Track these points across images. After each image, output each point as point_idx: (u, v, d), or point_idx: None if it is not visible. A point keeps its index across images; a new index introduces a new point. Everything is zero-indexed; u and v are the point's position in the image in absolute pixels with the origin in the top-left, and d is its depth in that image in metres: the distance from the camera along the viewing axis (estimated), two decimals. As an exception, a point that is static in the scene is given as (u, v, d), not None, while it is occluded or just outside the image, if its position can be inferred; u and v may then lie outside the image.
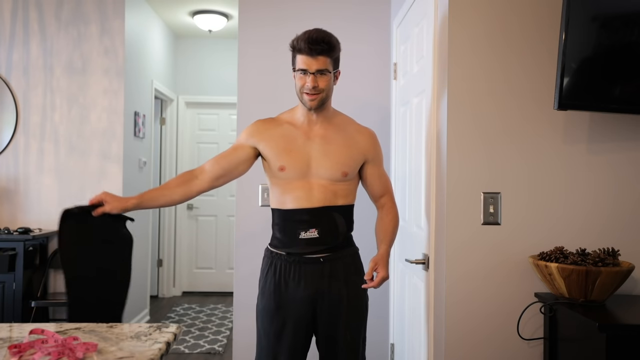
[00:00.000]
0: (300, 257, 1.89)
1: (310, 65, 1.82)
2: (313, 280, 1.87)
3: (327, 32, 1.84)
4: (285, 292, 1.89)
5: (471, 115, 1.89)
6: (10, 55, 3.92)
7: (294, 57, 1.88)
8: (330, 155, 1.90)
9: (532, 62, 1.89)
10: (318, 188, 1.88)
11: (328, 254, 1.89)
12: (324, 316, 1.89)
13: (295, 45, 1.84)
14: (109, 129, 3.95)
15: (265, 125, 1.96)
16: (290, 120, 1.96)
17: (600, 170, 1.88)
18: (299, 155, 1.89)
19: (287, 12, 3.15)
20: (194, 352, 3.92)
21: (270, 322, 1.90)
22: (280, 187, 1.91)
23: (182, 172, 1.95)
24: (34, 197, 3.91)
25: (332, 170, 1.89)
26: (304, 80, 1.84)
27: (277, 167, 1.89)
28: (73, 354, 1.14)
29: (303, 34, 1.83)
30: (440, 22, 1.99)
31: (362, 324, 1.96)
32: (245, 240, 3.14)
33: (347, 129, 1.98)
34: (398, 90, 2.88)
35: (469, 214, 1.88)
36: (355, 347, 1.92)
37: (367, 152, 1.97)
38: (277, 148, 1.90)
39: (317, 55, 1.80)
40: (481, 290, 1.88)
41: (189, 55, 5.80)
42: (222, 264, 5.85)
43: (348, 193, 1.94)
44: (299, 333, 1.89)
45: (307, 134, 1.93)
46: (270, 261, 1.95)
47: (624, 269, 1.64)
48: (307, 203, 1.87)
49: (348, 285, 1.90)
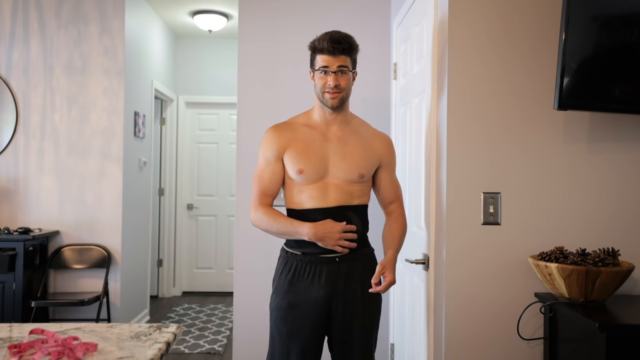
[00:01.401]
0: (316, 256, 1.89)
1: (331, 63, 1.85)
2: (328, 280, 1.88)
3: (346, 33, 1.89)
4: (299, 291, 1.89)
5: (471, 115, 1.89)
6: (10, 55, 3.92)
7: (314, 57, 1.90)
8: (347, 157, 1.91)
9: (532, 62, 1.88)
10: (334, 188, 1.90)
11: (344, 254, 1.89)
12: (339, 316, 1.89)
13: (317, 45, 1.87)
14: (109, 129, 3.95)
15: (283, 133, 1.95)
16: (306, 123, 1.97)
17: (601, 171, 1.88)
18: (317, 158, 1.90)
19: (287, 12, 3.15)
20: (194, 352, 3.92)
21: (284, 321, 1.90)
22: (296, 187, 1.92)
23: (262, 211, 1.91)
24: (34, 197, 3.91)
25: (349, 171, 1.90)
26: (325, 79, 1.87)
27: (295, 170, 1.89)
28: (73, 354, 1.14)
29: (324, 35, 1.86)
30: (440, 22, 1.99)
31: (375, 324, 1.97)
32: (245, 240, 3.14)
33: (363, 131, 2.00)
34: (398, 90, 2.88)
35: (469, 214, 1.88)
36: (369, 348, 1.93)
37: (382, 156, 1.99)
38: (297, 152, 1.91)
39: (339, 54, 1.84)
40: (481, 290, 1.88)
41: (189, 55, 5.80)
42: (222, 264, 5.85)
43: (363, 194, 1.96)
44: (312, 333, 1.88)
45: (325, 135, 1.94)
46: (285, 261, 1.95)
47: (624, 269, 1.64)
48: (323, 203, 1.89)
49: (364, 285, 1.91)
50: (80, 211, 3.92)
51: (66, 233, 3.91)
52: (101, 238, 3.93)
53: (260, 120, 3.09)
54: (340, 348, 1.91)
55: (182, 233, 5.82)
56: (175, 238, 5.78)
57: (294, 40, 3.13)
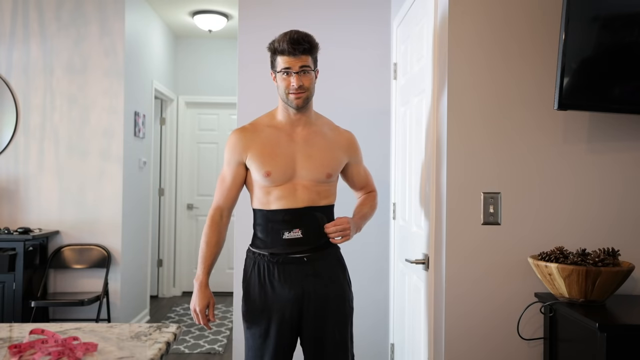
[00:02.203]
0: (284, 257, 1.89)
1: (293, 64, 1.84)
2: (297, 280, 1.88)
3: (305, 32, 1.88)
4: (270, 293, 1.89)
5: (471, 115, 1.89)
6: (10, 55, 3.92)
7: (274, 59, 1.89)
8: (314, 158, 1.91)
9: (532, 62, 1.88)
10: (302, 189, 1.89)
11: (311, 254, 1.90)
12: (310, 316, 1.89)
13: (277, 47, 1.86)
14: (109, 129, 3.95)
15: (246, 135, 1.94)
16: (271, 124, 1.96)
17: (601, 171, 1.88)
18: (284, 159, 1.89)
19: (287, 12, 3.15)
20: (194, 352, 3.92)
21: (257, 323, 1.90)
22: (264, 189, 1.91)
23: (207, 224, 1.97)
24: (34, 197, 3.91)
25: (317, 172, 1.90)
26: (287, 80, 1.86)
27: (262, 172, 1.88)
28: (73, 354, 1.14)
29: (283, 36, 1.85)
30: (440, 22, 1.99)
31: (348, 322, 1.97)
32: (245, 240, 3.12)
33: (328, 130, 2.01)
34: (398, 90, 2.88)
35: (469, 214, 1.88)
36: (344, 347, 1.93)
37: (349, 154, 2.03)
38: (262, 154, 1.89)
39: (299, 54, 1.84)
40: (481, 290, 1.88)
41: (189, 55, 5.80)
42: (222, 264, 5.84)
43: (330, 194, 1.97)
44: (284, 334, 1.89)
45: (290, 136, 1.93)
46: (253, 262, 1.95)
47: (624, 269, 1.64)
48: (291, 204, 1.88)
49: (333, 284, 1.93)
50: (80, 211, 3.92)
51: (66, 233, 3.91)
52: (101, 238, 3.93)
53: (260, 120, 3.09)
54: (315, 347, 1.91)
55: (182, 233, 5.82)
56: (175, 238, 5.78)
57: (294, 40, 3.12)
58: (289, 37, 1.83)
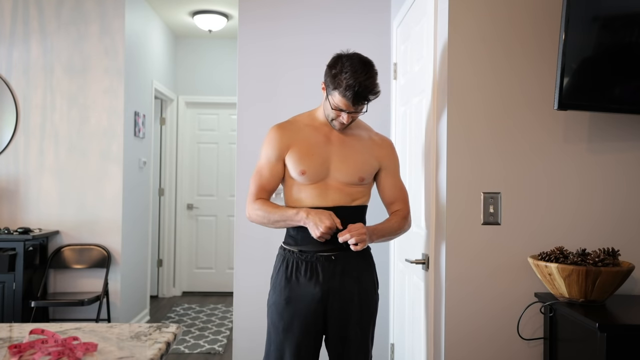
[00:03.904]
0: (313, 254, 1.90)
1: (350, 109, 1.86)
2: (324, 278, 1.89)
3: (374, 82, 1.84)
4: (295, 288, 1.90)
5: (471, 115, 1.89)
6: (10, 55, 3.92)
7: (333, 89, 1.85)
8: (348, 160, 1.93)
9: (532, 62, 1.88)
10: (334, 190, 1.91)
11: (340, 252, 1.90)
12: (335, 314, 1.90)
13: (339, 86, 1.81)
14: (109, 129, 3.95)
15: (286, 132, 1.96)
16: (310, 123, 1.98)
17: (601, 171, 1.88)
18: (320, 159, 1.91)
19: (287, 12, 3.15)
20: (194, 352, 3.92)
21: (280, 317, 1.91)
22: (296, 186, 1.94)
23: (254, 207, 1.92)
24: (34, 197, 3.91)
25: (350, 175, 1.92)
26: (339, 114, 1.88)
27: (298, 171, 1.90)
28: (73, 354, 1.14)
29: (352, 82, 1.79)
30: (440, 22, 1.99)
31: (372, 322, 1.98)
32: (245, 240, 3.14)
33: (365, 135, 2.02)
34: (398, 90, 2.88)
35: (469, 214, 1.88)
36: (365, 346, 1.94)
37: (382, 160, 2.00)
38: (299, 153, 1.92)
39: (359, 104, 1.85)
40: (481, 290, 1.88)
41: (189, 55, 5.80)
42: (222, 264, 5.85)
43: (363, 194, 1.97)
44: (307, 330, 1.89)
45: (328, 137, 1.96)
46: (282, 258, 1.97)
47: (624, 269, 1.64)
48: (323, 202, 1.90)
49: (360, 283, 1.93)
50: (80, 211, 3.92)
51: (66, 233, 3.91)
52: (101, 238, 3.93)
53: (260, 120, 3.09)
54: (337, 345, 1.92)
55: (182, 233, 5.82)
56: (175, 238, 5.78)
57: (294, 40, 3.13)
58: (356, 90, 1.79)
